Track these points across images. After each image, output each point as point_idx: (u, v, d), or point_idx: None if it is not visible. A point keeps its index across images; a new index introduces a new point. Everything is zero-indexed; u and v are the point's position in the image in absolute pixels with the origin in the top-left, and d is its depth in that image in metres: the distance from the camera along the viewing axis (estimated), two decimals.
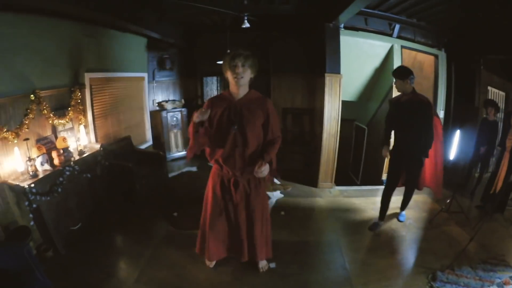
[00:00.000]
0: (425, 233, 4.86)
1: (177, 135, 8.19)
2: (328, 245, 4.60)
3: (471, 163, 6.51)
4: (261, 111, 3.18)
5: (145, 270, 3.91)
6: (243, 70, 3.02)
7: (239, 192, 3.34)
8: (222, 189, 3.39)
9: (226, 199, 3.41)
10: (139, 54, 7.51)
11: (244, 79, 3.08)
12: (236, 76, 3.02)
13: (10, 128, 3.85)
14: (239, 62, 2.98)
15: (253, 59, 3.08)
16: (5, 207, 3.80)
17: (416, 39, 7.06)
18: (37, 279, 2.93)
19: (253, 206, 3.40)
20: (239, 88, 3.13)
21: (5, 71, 3.84)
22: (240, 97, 3.18)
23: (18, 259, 2.95)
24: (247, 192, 3.36)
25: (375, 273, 3.95)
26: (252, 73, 3.12)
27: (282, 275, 3.83)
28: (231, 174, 3.30)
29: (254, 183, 3.38)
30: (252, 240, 3.53)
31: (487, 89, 7.24)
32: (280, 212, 5.47)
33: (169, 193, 6.28)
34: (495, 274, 3.82)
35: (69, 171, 4.26)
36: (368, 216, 5.40)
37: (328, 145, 6.38)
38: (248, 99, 3.20)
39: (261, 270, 3.80)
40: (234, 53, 3.00)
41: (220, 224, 3.49)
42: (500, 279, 3.72)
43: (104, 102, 6.09)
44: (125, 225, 4.97)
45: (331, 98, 6.17)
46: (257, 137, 3.19)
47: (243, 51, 3.01)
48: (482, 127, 6.09)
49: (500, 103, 6.95)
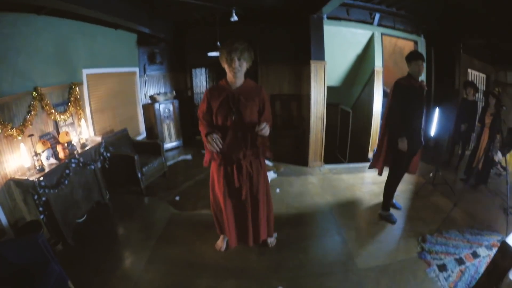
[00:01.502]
0: (413, 202, 5.07)
1: (170, 126, 8.18)
2: (323, 215, 4.83)
3: (453, 140, 6.70)
4: (257, 98, 3.27)
5: (156, 250, 4.02)
6: (240, 63, 3.10)
7: (243, 174, 3.41)
8: (225, 175, 3.45)
9: (230, 185, 3.47)
10: (130, 49, 7.46)
11: (241, 72, 3.16)
12: (233, 70, 3.10)
13: (15, 125, 3.84)
14: (235, 56, 3.05)
15: (248, 51, 3.14)
16: (12, 204, 3.81)
17: (396, 27, 7.21)
18: (53, 270, 2.92)
19: (257, 187, 3.50)
20: (236, 78, 3.20)
21: (7, 70, 3.83)
22: (237, 86, 3.25)
23: (33, 251, 2.96)
24: (250, 174, 3.45)
25: (369, 236, 4.21)
26: (248, 64, 3.21)
27: (285, 242, 4.08)
28: (234, 159, 3.37)
29: (256, 165, 3.47)
30: (256, 222, 3.65)
31: (467, 72, 7.41)
32: (275, 190, 5.65)
33: (169, 179, 6.35)
34: (482, 237, 3.99)
35: (74, 163, 4.27)
36: (356, 189, 5.67)
37: (316, 127, 6.61)
38: (245, 88, 3.26)
39: (270, 246, 3.99)
40: (231, 47, 3.05)
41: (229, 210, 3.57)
42: (488, 242, 3.88)
43: (100, 97, 6.08)
44: (130, 213, 5.03)
45: (317, 83, 6.38)
46: (254, 122, 3.26)
47: (239, 45, 3.06)
48: (462, 107, 6.26)
49: (480, 84, 7.11)
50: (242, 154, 3.35)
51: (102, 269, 3.66)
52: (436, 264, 3.52)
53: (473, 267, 3.44)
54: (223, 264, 3.72)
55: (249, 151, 3.37)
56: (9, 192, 3.77)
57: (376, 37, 6.99)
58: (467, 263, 3.53)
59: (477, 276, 3.22)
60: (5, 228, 3.64)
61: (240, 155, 3.35)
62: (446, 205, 4.76)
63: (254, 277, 3.50)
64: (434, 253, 3.72)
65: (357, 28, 6.97)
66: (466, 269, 3.42)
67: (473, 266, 3.46)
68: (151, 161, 5.88)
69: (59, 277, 2.96)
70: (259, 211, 3.59)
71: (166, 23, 7.62)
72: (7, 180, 3.75)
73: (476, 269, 3.40)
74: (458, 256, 3.66)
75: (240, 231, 3.72)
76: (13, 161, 3.84)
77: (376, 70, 6.99)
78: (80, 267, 3.68)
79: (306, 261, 3.74)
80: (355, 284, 3.34)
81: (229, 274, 3.57)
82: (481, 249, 3.76)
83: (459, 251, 3.73)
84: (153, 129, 8.06)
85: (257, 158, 3.47)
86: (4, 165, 3.73)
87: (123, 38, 6.97)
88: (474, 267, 3.43)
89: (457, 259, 3.59)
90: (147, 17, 6.28)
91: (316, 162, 6.86)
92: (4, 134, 3.69)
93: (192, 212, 4.97)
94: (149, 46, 7.91)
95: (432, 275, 3.36)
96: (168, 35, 7.81)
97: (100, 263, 3.78)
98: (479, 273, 3.22)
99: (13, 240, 3.38)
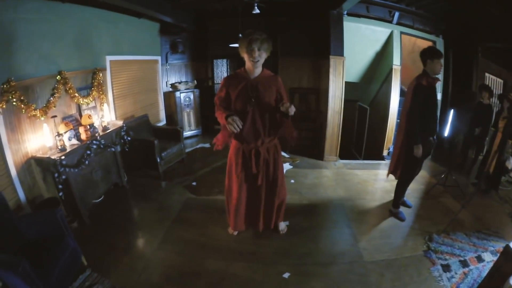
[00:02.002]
0: (423, 202, 5.03)
1: (190, 114, 8.28)
2: (334, 207, 4.87)
3: (466, 143, 6.60)
4: (274, 87, 3.34)
5: (170, 230, 4.16)
6: (259, 54, 3.14)
7: (260, 161, 3.50)
8: (243, 161, 3.53)
9: (247, 170, 3.56)
10: (153, 38, 7.55)
11: (260, 61, 3.20)
12: (253, 60, 3.14)
13: (38, 106, 3.96)
14: (255, 47, 3.09)
15: (268, 42, 3.17)
16: (32, 182, 3.94)
17: (414, 26, 7.11)
18: (68, 244, 3.04)
19: (272, 174, 3.60)
20: (255, 68, 3.25)
21: (32, 53, 3.95)
22: (256, 75, 3.30)
23: (51, 225, 3.08)
24: (267, 161, 3.53)
25: (377, 231, 4.23)
26: (267, 54, 3.24)
27: (295, 230, 4.16)
28: (252, 145, 3.45)
29: (273, 152, 3.56)
30: (269, 208, 3.77)
31: (484, 75, 7.27)
32: (290, 180, 5.72)
33: (186, 165, 6.47)
34: (488, 242, 3.92)
35: (95, 144, 4.40)
36: (369, 184, 5.66)
37: (333, 122, 6.61)
38: (263, 77, 3.32)
39: (281, 232, 4.06)
40: (251, 38, 3.08)
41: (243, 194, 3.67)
42: (494, 247, 3.81)
43: (122, 83, 6.20)
44: (147, 196, 5.16)
45: (335, 78, 6.38)
46: (272, 110, 3.34)
47: (259, 36, 3.09)
48: (476, 110, 6.13)
49: (498, 89, 6.94)
50: (260, 141, 3.43)
51: (116, 247, 3.78)
52: (441, 264, 3.51)
53: (476, 271, 3.41)
54: (233, 247, 3.82)
55: (267, 138, 3.46)
56: (29, 170, 3.90)
57: (395, 35, 6.91)
58: (471, 266, 3.50)
59: (480, 280, 3.18)
60: (23, 205, 3.78)
61: (258, 142, 3.43)
62: (456, 207, 4.70)
63: (262, 261, 3.58)
64: (440, 253, 3.70)
65: (376, 26, 6.91)
66: (469, 272, 3.40)
67: (476, 269, 3.44)
68: (170, 146, 5.99)
69: (73, 251, 3.08)
70: (273, 197, 3.69)
71: (189, 13, 7.68)
72: (28, 158, 3.88)
73: (479, 273, 3.36)
74: (463, 258, 3.63)
75: (251, 216, 3.81)
76: (35, 141, 3.97)
77: (394, 68, 6.91)
78: (94, 244, 3.80)
79: (314, 250, 3.80)
80: (360, 275, 3.37)
81: (238, 256, 3.66)
82: (486, 254, 3.71)
83: (464, 254, 3.70)
84: (173, 117, 8.16)
85: (274, 146, 3.57)
86: (26, 144, 3.86)
87: (146, 27, 7.05)
88: (478, 271, 3.41)
89: (461, 261, 3.58)
90: (170, 7, 6.34)
91: (331, 156, 6.87)
92: (28, 114, 3.81)
93: (207, 197, 5.08)
94: (171, 36, 7.99)
95: (435, 274, 3.35)
96: (191, 25, 7.87)
97: (114, 241, 3.90)
98: (482, 278, 3.18)
99: (31, 214, 3.48)
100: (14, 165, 3.69)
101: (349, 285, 3.25)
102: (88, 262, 3.35)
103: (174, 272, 3.38)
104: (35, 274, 2.41)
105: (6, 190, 3.55)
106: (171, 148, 5.97)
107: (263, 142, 3.45)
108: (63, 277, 2.88)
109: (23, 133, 3.82)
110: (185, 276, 3.33)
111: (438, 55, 3.86)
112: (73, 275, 3.11)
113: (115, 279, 3.22)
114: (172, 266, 3.48)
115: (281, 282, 3.28)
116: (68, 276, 3.01)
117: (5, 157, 3.58)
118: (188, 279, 3.29)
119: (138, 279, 3.28)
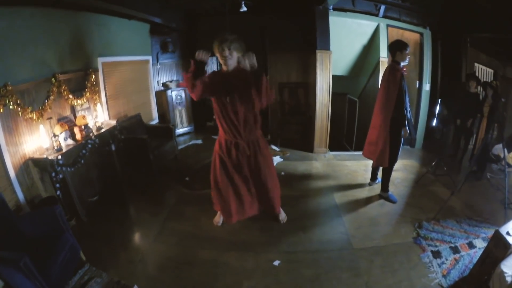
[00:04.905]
0: (412, 191, 5.18)
1: (181, 112, 8.42)
2: (324, 197, 5.04)
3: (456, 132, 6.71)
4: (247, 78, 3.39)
5: (166, 224, 4.35)
6: (230, 53, 3.37)
7: (240, 152, 3.73)
8: (227, 151, 3.77)
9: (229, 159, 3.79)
10: (144, 39, 7.67)
11: (231, 60, 3.43)
12: (224, 59, 3.40)
13: (34, 109, 4.09)
14: (225, 47, 3.33)
15: (238, 42, 3.40)
16: (30, 182, 4.08)
17: (401, 18, 7.22)
18: (67, 239, 3.16)
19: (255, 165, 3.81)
20: (227, 66, 3.47)
21: (27, 59, 4.10)
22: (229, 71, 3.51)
23: (50, 223, 3.20)
24: (247, 153, 3.73)
25: (366, 219, 4.37)
26: (238, 53, 3.44)
27: (287, 221, 4.31)
28: (232, 137, 3.68)
29: (253, 145, 3.77)
30: (267, 194, 3.98)
31: (474, 66, 7.44)
32: (280, 173, 5.88)
33: (179, 162, 6.66)
34: (480, 229, 3.99)
35: (90, 144, 4.57)
36: (358, 175, 5.83)
37: (321, 114, 6.78)
38: (235, 71, 3.50)
39: (281, 222, 4.28)
40: (221, 39, 3.33)
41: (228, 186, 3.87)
42: (485, 234, 3.86)
43: (115, 83, 6.33)
44: (142, 192, 5.33)
45: (322, 72, 6.54)
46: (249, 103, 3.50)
47: (229, 36, 3.33)
48: (464, 99, 6.26)
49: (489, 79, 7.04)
50: (238, 134, 3.66)
51: (113, 242, 3.95)
52: (431, 251, 3.58)
53: (468, 257, 3.46)
54: (225, 238, 4.00)
55: (245, 131, 3.67)
56: (27, 171, 4.04)
57: (381, 28, 7.07)
58: (462, 252, 3.55)
59: (471, 266, 3.22)
60: (22, 205, 3.91)
61: (238, 136, 3.67)
62: (446, 195, 4.73)
63: (253, 250, 3.74)
64: (430, 239, 3.77)
65: (362, 19, 7.06)
66: (460, 258, 3.45)
67: (468, 256, 3.49)
68: (163, 144, 6.14)
69: (72, 247, 3.20)
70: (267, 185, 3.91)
71: (178, 13, 7.81)
72: (25, 159, 4.02)
73: (471, 259, 3.41)
74: (454, 244, 3.68)
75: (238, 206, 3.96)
76: (32, 142, 4.11)
77: (382, 61, 7.07)
78: (92, 240, 3.95)
79: (304, 238, 3.96)
80: (349, 262, 3.50)
81: (231, 246, 3.83)
82: (477, 240, 3.76)
83: (455, 240, 3.75)
84: (165, 115, 8.29)
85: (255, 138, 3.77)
86: (23, 146, 4.00)
87: (136, 28, 7.16)
88: (469, 257, 3.45)
89: (452, 248, 3.63)
90: (159, 8, 6.48)
91: (321, 148, 7.03)
92: (24, 117, 3.95)
93: (200, 192, 5.24)
94: (161, 36, 8.10)
95: (425, 260, 3.44)
96: (180, 25, 7.99)
97: (111, 236, 4.07)
98: (474, 264, 3.18)
99: (31, 213, 3.59)
100: (12, 166, 3.81)
101: (339, 271, 3.37)
102: (86, 257, 3.48)
103: (169, 263, 3.55)
104: (36, 270, 2.53)
105: (5, 192, 3.66)
106: (163, 145, 6.12)
107: (241, 134, 3.66)
108: (63, 273, 2.99)
109: (21, 136, 3.95)
110: (180, 266, 3.50)
111: (406, 46, 4.31)
112: (73, 270, 3.24)
113: (113, 272, 3.37)
114: (168, 257, 3.64)
115: (272, 270, 3.42)
116: (68, 271, 3.14)
117: (4, 160, 3.70)
118: (182, 269, 3.46)
119: (135, 271, 3.44)
